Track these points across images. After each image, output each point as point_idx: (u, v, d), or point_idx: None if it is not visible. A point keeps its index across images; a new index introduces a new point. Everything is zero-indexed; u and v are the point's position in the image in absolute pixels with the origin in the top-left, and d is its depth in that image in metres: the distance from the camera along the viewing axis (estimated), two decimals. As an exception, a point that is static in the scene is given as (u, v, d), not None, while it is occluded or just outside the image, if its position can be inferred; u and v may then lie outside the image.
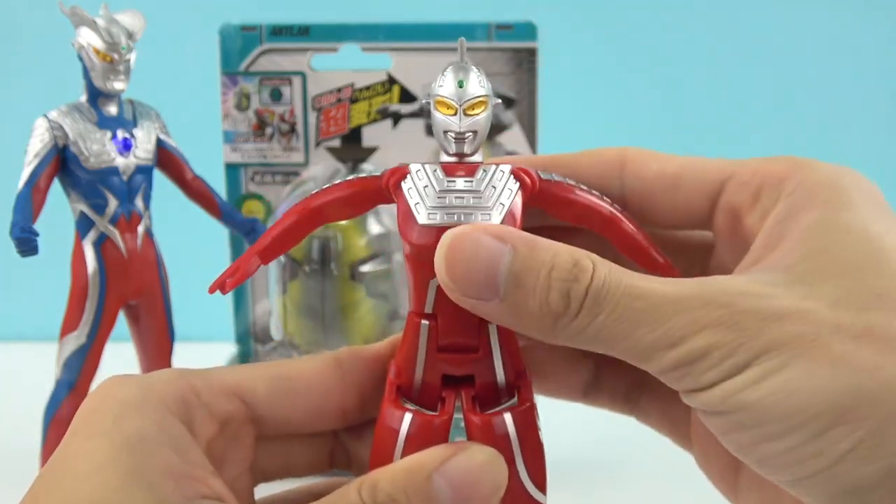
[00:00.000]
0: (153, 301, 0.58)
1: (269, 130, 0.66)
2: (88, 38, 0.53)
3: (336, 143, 0.66)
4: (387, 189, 0.29)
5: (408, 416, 0.28)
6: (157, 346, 0.59)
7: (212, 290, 0.29)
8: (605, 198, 0.30)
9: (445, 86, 0.29)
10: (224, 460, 0.29)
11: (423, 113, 0.65)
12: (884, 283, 0.24)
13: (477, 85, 0.29)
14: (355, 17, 0.66)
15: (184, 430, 0.26)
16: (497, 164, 0.29)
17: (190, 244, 0.77)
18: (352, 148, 0.66)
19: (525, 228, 0.27)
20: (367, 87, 0.65)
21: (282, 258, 0.64)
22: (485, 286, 0.25)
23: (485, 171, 0.28)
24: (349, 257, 0.62)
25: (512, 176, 0.28)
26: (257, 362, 0.31)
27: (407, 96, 0.65)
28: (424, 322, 0.28)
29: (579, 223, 0.30)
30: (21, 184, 0.51)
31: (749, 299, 0.24)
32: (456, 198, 0.28)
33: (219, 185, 0.63)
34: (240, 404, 0.29)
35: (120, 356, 0.60)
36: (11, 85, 0.91)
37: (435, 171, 0.28)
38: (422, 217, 0.27)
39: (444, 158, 0.29)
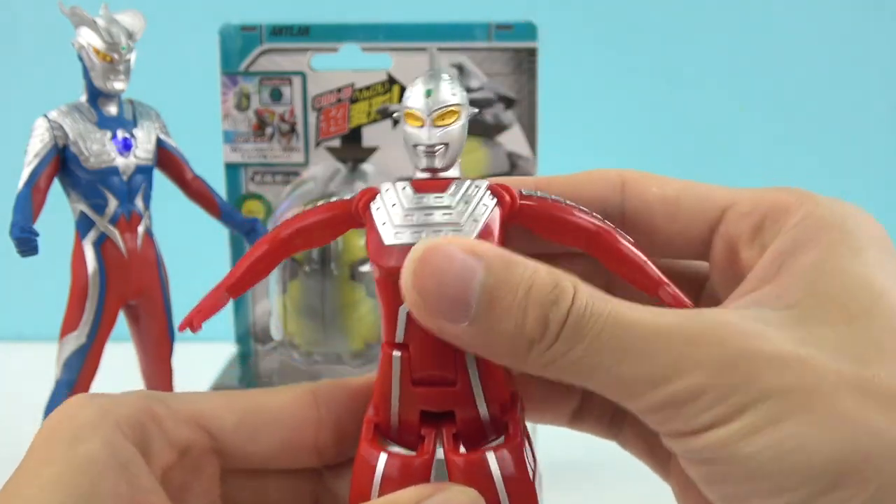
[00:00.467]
0: (153, 301, 0.58)
1: (269, 130, 0.66)
2: (88, 38, 0.53)
3: (336, 143, 0.66)
4: (356, 212, 0.28)
5: (383, 457, 0.26)
6: (157, 346, 0.59)
7: (182, 328, 0.28)
8: (594, 214, 0.28)
9: (413, 96, 0.27)
10: (185, 491, 0.27)
11: (396, 127, 0.64)
12: (886, 336, 0.23)
13: (448, 93, 0.27)
14: (355, 17, 0.66)
15: (136, 454, 0.25)
16: (472, 180, 0.27)
17: (190, 244, 0.77)
18: (352, 148, 0.66)
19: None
20: (367, 87, 0.65)
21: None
22: (454, 305, 0.23)
23: (457, 185, 0.26)
24: (349, 257, 0.62)
25: (488, 192, 0.26)
26: (229, 390, 0.29)
27: (407, 96, 0.65)
28: (396, 353, 0.26)
29: (564, 241, 0.27)
30: (21, 184, 0.51)
31: (745, 339, 0.23)
32: (425, 214, 0.26)
33: (219, 185, 0.63)
34: (202, 434, 0.27)
35: (120, 356, 0.60)
36: (11, 85, 0.91)
37: (404, 188, 0.27)
38: (388, 237, 0.26)
39: (417, 175, 0.27)
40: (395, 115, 0.28)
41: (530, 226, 0.27)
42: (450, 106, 0.27)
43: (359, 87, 0.65)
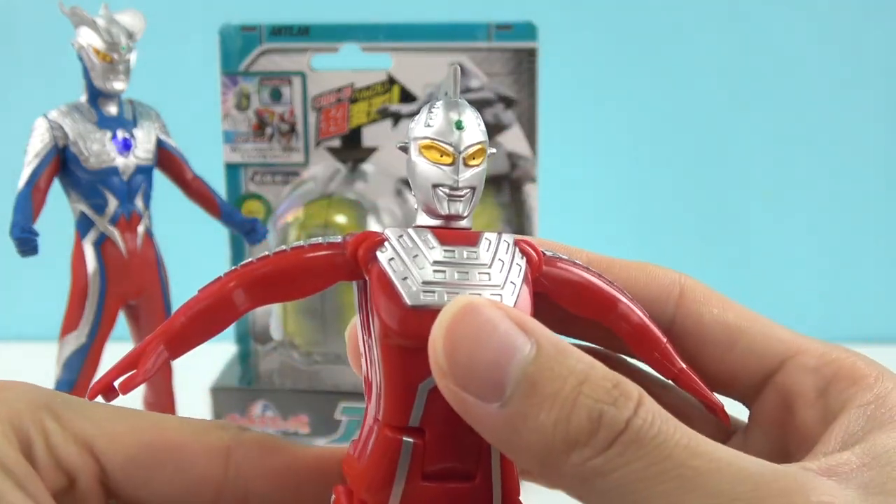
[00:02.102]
0: (153, 301, 0.58)
1: (269, 130, 0.66)
2: (88, 38, 0.53)
3: (336, 143, 0.66)
4: (354, 262, 0.22)
5: None
6: (157, 346, 0.59)
7: (92, 396, 0.23)
8: (617, 286, 0.25)
9: (437, 125, 0.22)
10: None
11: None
12: None
13: (477, 128, 0.23)
14: (355, 17, 0.66)
15: (30, 469, 0.23)
16: (498, 234, 0.23)
17: (190, 244, 0.77)
18: (352, 148, 0.66)
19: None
20: (367, 87, 0.65)
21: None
22: (488, 381, 0.19)
23: (487, 240, 0.22)
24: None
25: (517, 249, 0.23)
26: (137, 410, 0.26)
27: (407, 96, 0.65)
28: (407, 439, 0.21)
29: (586, 311, 0.24)
30: (21, 184, 0.51)
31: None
32: (459, 272, 0.21)
33: (219, 185, 0.63)
34: (90, 461, 0.24)
35: (120, 356, 0.60)
36: (11, 85, 0.91)
37: (426, 238, 0.22)
38: (411, 296, 0.21)
39: (428, 222, 0.23)
40: (400, 145, 0.24)
41: (550, 291, 0.23)
42: (480, 143, 0.23)
43: (359, 87, 0.65)
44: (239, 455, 0.25)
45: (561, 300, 0.23)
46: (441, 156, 0.22)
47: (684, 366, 0.25)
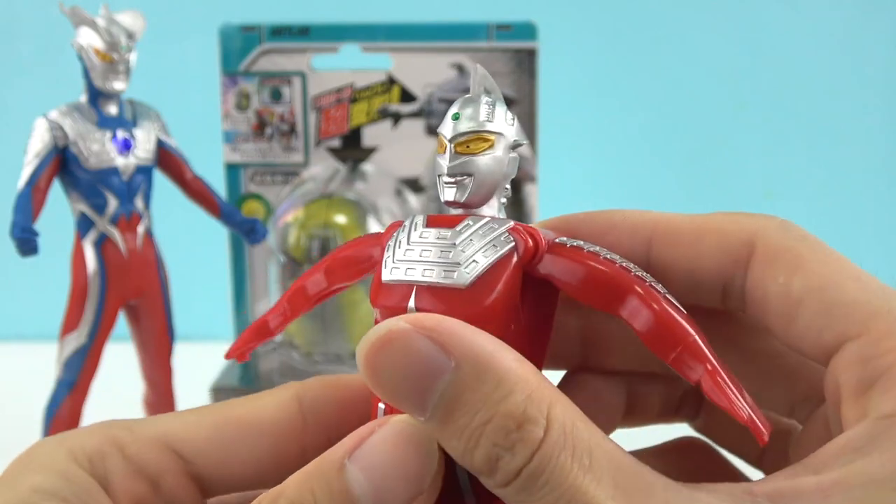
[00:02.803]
0: (153, 301, 0.58)
1: (268, 130, 0.66)
2: (88, 38, 0.53)
3: (336, 143, 0.66)
4: (381, 247, 0.24)
5: None
6: (157, 346, 0.59)
7: (228, 356, 0.27)
8: (639, 271, 0.22)
9: (444, 120, 0.24)
10: None
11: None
12: None
13: (480, 118, 0.23)
14: (355, 17, 0.66)
15: (94, 484, 0.23)
16: (497, 219, 0.23)
17: (190, 244, 0.77)
18: (352, 148, 0.66)
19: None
20: (367, 87, 0.65)
21: (281, 258, 0.64)
22: (410, 402, 0.20)
23: (473, 222, 0.23)
24: (349, 257, 0.62)
25: (507, 233, 0.23)
26: (202, 406, 0.26)
27: (407, 96, 0.65)
28: (381, 405, 0.23)
29: (587, 299, 0.23)
30: (21, 184, 0.51)
31: None
32: (423, 251, 0.23)
33: (219, 185, 0.63)
34: (172, 457, 0.24)
35: (120, 356, 0.60)
36: (11, 85, 0.91)
37: (416, 222, 0.24)
38: (384, 273, 0.23)
39: (443, 209, 0.24)
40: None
41: (555, 279, 0.23)
42: (478, 132, 0.23)
43: (359, 87, 0.65)
44: (308, 400, 0.25)
45: (566, 289, 0.23)
46: (441, 147, 0.24)
47: (716, 366, 0.21)
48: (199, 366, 0.64)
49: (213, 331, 0.79)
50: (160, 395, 0.60)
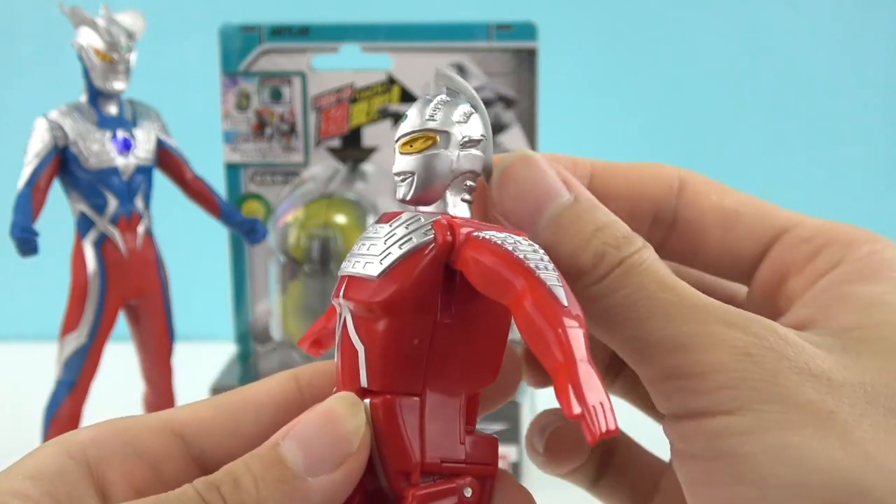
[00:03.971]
0: (153, 301, 0.58)
1: (268, 130, 0.66)
2: (88, 38, 0.53)
3: (336, 143, 0.66)
4: None
5: None
6: (157, 346, 0.59)
7: (300, 344, 0.29)
8: (535, 266, 0.22)
9: None
10: None
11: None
12: None
13: (422, 117, 0.24)
14: (355, 17, 0.66)
15: (76, 472, 0.23)
16: (430, 214, 0.24)
17: (190, 244, 0.77)
18: (352, 148, 0.66)
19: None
20: (367, 87, 0.65)
21: (281, 258, 0.64)
22: (526, 215, 0.24)
23: (405, 217, 0.24)
24: (349, 257, 0.62)
25: (429, 226, 0.23)
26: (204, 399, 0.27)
27: (407, 96, 0.65)
28: (334, 389, 0.25)
29: (484, 290, 0.22)
30: (21, 184, 0.51)
31: (782, 342, 0.21)
32: (363, 244, 0.24)
33: (219, 185, 0.63)
34: (175, 440, 0.25)
35: (120, 356, 0.60)
36: (11, 85, 0.91)
37: (375, 220, 0.25)
38: (342, 266, 0.25)
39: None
40: None
41: (464, 270, 0.23)
42: (418, 132, 0.24)
43: (359, 88, 0.65)
44: (306, 378, 0.27)
45: (471, 279, 0.23)
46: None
47: (572, 361, 0.20)
48: (199, 366, 0.64)
49: (213, 331, 0.79)
50: (160, 395, 0.60)
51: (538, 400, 0.64)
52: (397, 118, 0.65)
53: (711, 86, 0.92)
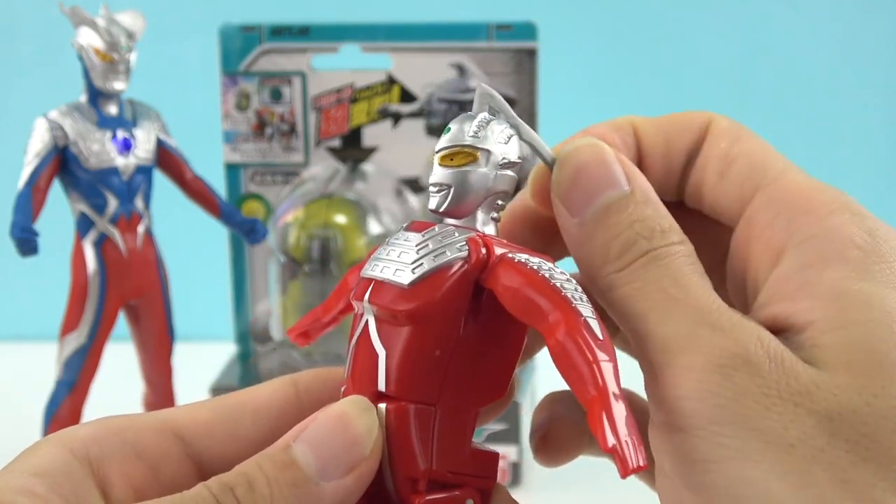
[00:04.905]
0: (153, 301, 0.58)
1: (268, 131, 0.66)
2: (88, 38, 0.53)
3: (336, 143, 0.66)
4: None
5: None
6: (157, 346, 0.59)
7: (289, 334, 0.29)
8: (576, 297, 0.22)
9: None
10: None
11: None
12: None
13: (465, 133, 0.24)
14: (355, 17, 0.66)
15: (82, 471, 0.23)
16: (462, 227, 0.24)
17: (190, 244, 0.77)
18: (352, 148, 0.66)
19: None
20: (367, 87, 0.65)
21: (281, 258, 0.64)
22: (579, 200, 0.24)
23: (438, 229, 0.24)
24: (349, 257, 0.62)
25: (464, 242, 0.24)
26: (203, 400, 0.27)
27: (407, 96, 0.65)
28: (343, 388, 0.25)
29: (515, 312, 0.23)
30: (21, 184, 0.51)
31: (762, 354, 0.21)
32: (391, 251, 0.24)
33: (219, 185, 0.63)
34: (173, 440, 0.25)
35: (120, 356, 0.60)
36: (11, 85, 0.91)
37: (402, 228, 0.25)
38: (364, 268, 0.25)
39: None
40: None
41: (495, 289, 0.23)
42: (461, 146, 0.24)
43: (359, 87, 0.65)
44: (304, 383, 0.27)
45: (502, 299, 0.23)
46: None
47: (605, 394, 0.21)
48: (199, 366, 0.64)
49: (213, 331, 0.79)
50: (160, 395, 0.60)
51: (538, 400, 0.64)
52: (397, 118, 0.65)
53: (711, 86, 0.92)
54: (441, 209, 0.25)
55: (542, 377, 0.63)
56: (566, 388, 0.22)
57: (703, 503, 0.21)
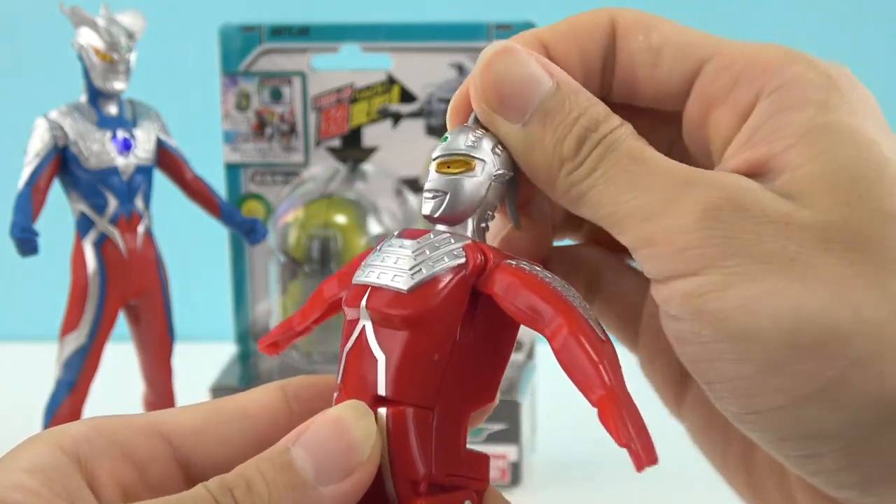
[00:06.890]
0: (153, 301, 0.58)
1: (268, 131, 0.66)
2: (88, 38, 0.53)
3: (336, 143, 0.66)
4: None
5: None
6: (157, 346, 0.59)
7: (260, 348, 0.29)
8: (573, 299, 0.23)
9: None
10: None
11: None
12: (887, 205, 0.22)
13: (463, 142, 0.25)
14: (355, 17, 0.66)
15: (73, 467, 0.23)
16: (458, 234, 0.25)
17: (190, 244, 0.77)
18: (352, 148, 0.66)
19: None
20: (367, 87, 0.65)
21: (281, 258, 0.64)
22: (514, 105, 0.24)
23: (433, 235, 0.24)
24: (349, 257, 0.62)
25: (462, 248, 0.24)
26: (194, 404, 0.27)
27: (407, 96, 0.65)
28: (335, 394, 0.25)
29: (517, 317, 0.24)
30: (21, 184, 0.51)
31: (740, 192, 0.22)
32: (387, 258, 0.24)
33: (219, 185, 0.63)
34: (162, 443, 0.25)
35: (120, 356, 0.60)
36: (11, 85, 0.91)
37: (395, 234, 0.25)
38: (356, 274, 0.25)
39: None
40: None
41: (496, 299, 0.24)
42: (458, 154, 0.25)
43: (359, 87, 0.65)
44: (293, 388, 0.27)
45: (502, 304, 0.24)
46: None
47: (613, 391, 0.22)
48: (199, 366, 0.64)
49: (213, 331, 0.79)
50: (160, 395, 0.60)
51: (538, 400, 0.64)
52: (397, 118, 0.65)
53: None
54: (436, 215, 0.25)
55: (543, 377, 0.63)
56: (567, 388, 0.22)
57: (713, 330, 0.22)
